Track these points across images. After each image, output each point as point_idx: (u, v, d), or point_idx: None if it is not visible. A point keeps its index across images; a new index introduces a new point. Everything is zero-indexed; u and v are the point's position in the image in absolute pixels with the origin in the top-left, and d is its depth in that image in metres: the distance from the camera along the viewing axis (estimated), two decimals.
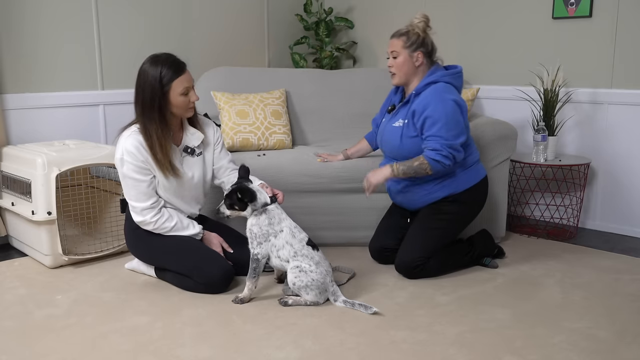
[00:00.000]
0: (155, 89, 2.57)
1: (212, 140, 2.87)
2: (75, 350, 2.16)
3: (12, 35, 3.42)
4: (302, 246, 2.55)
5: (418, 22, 2.86)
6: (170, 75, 2.57)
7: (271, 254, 2.57)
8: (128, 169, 2.63)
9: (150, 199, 2.68)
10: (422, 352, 2.15)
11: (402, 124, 2.85)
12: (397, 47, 2.86)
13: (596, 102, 3.60)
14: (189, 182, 2.77)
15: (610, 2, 3.47)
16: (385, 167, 2.85)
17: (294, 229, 2.58)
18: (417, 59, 2.85)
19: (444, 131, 2.72)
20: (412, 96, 2.84)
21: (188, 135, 2.77)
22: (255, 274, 2.56)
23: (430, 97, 2.77)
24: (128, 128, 2.68)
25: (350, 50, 4.78)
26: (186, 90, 2.62)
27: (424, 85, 2.82)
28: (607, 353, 2.15)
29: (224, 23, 4.36)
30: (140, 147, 2.61)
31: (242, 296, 2.56)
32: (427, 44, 2.86)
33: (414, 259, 2.79)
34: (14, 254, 3.28)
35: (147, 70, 2.59)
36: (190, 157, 2.77)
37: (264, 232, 2.55)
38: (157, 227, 2.70)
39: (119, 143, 2.65)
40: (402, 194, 2.95)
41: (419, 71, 2.87)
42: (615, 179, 3.60)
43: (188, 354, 2.14)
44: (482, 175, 2.94)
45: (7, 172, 3.25)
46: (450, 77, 2.84)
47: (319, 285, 2.50)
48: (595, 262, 3.08)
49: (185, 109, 2.66)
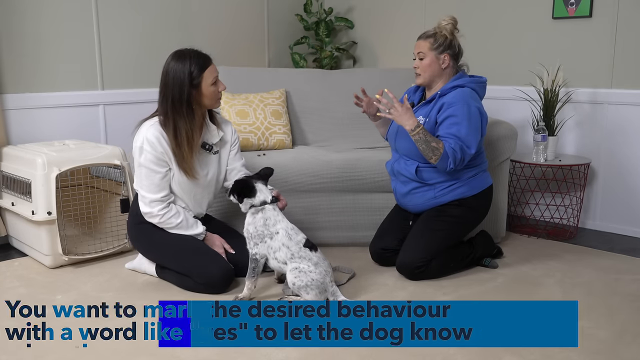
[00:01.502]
0: (185, 84, 2.60)
1: (230, 139, 2.89)
2: (75, 350, 2.16)
3: (13, 35, 3.42)
4: (300, 248, 2.54)
5: (446, 24, 2.84)
6: (200, 67, 2.63)
7: (269, 255, 2.57)
8: (146, 159, 2.65)
9: (162, 192, 2.68)
10: (422, 352, 2.15)
11: (423, 121, 2.82)
12: (424, 49, 2.84)
13: (596, 102, 3.60)
14: (203, 179, 2.78)
15: (610, 2, 3.47)
16: (413, 119, 2.69)
17: (290, 231, 2.56)
18: (444, 61, 2.84)
19: (464, 134, 2.71)
20: (437, 96, 2.83)
21: (208, 132, 2.79)
22: (255, 273, 2.56)
23: (458, 98, 2.75)
24: (150, 118, 2.70)
25: (350, 50, 4.78)
26: (215, 80, 2.68)
27: (451, 87, 2.81)
28: (607, 353, 2.15)
29: (224, 23, 4.36)
30: (162, 139, 2.64)
31: (241, 296, 2.56)
32: (455, 46, 2.85)
33: (417, 259, 2.79)
34: (14, 254, 3.28)
35: (174, 67, 2.62)
36: (207, 153, 2.79)
37: (259, 233, 2.55)
38: (163, 222, 2.71)
39: (140, 132, 2.67)
40: (409, 197, 2.94)
41: (445, 73, 2.86)
42: (615, 179, 3.60)
43: (188, 354, 2.14)
44: (489, 183, 2.95)
45: (7, 172, 3.25)
46: (477, 85, 2.85)
47: (319, 285, 2.50)
48: (595, 262, 3.08)
49: (216, 99, 2.71)
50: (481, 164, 2.92)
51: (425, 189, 2.88)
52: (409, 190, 2.92)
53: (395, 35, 4.47)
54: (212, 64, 2.69)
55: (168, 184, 2.71)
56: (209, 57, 2.70)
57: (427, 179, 2.86)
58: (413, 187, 2.90)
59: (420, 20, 4.26)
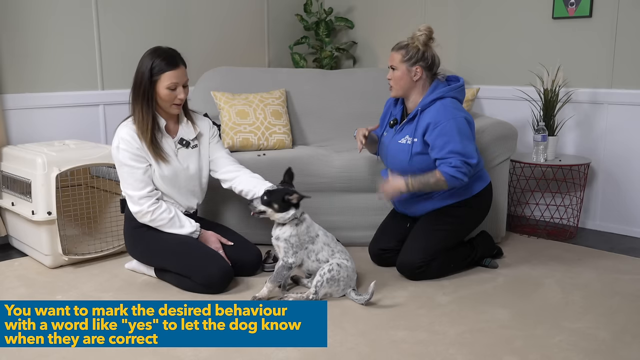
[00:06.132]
0: (145, 77, 2.67)
1: (208, 133, 2.94)
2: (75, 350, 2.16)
3: (12, 35, 3.42)
4: (336, 243, 2.64)
5: (420, 34, 2.78)
6: (161, 67, 2.67)
7: (308, 259, 2.59)
8: (124, 157, 2.70)
9: (147, 187, 2.71)
10: (422, 352, 2.15)
11: (411, 141, 2.79)
12: (396, 61, 2.81)
13: (596, 102, 3.60)
14: (184, 172, 2.81)
15: (610, 2, 3.47)
16: (399, 180, 2.75)
17: (324, 230, 2.66)
18: (416, 74, 2.79)
19: (460, 148, 2.68)
20: (418, 112, 2.79)
21: (184, 128, 2.85)
22: (282, 279, 2.58)
23: (441, 115, 2.72)
24: (125, 120, 2.78)
25: (350, 50, 4.77)
26: (174, 86, 2.69)
27: (430, 101, 2.78)
28: (607, 353, 2.15)
29: (224, 23, 4.36)
30: (135, 135, 2.70)
31: (259, 295, 2.56)
32: (427, 57, 2.79)
33: (417, 259, 2.79)
34: (14, 254, 3.28)
35: (144, 58, 2.71)
36: (185, 149, 2.83)
37: (302, 241, 2.57)
38: (155, 218, 2.72)
39: (116, 132, 2.75)
40: (407, 205, 2.94)
41: (418, 85, 2.82)
42: (615, 179, 3.60)
43: (188, 353, 2.14)
44: (487, 181, 2.94)
45: (7, 172, 3.25)
46: (455, 92, 2.82)
47: (347, 281, 2.58)
48: (595, 262, 3.08)
49: (170, 103, 2.72)
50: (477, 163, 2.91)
51: (424, 197, 2.86)
52: (406, 198, 2.90)
53: (395, 35, 4.44)
54: (179, 68, 2.69)
55: (151, 180, 2.74)
56: (178, 61, 2.70)
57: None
58: (411, 196, 2.88)
59: (420, 20, 4.26)
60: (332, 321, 2.36)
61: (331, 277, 2.54)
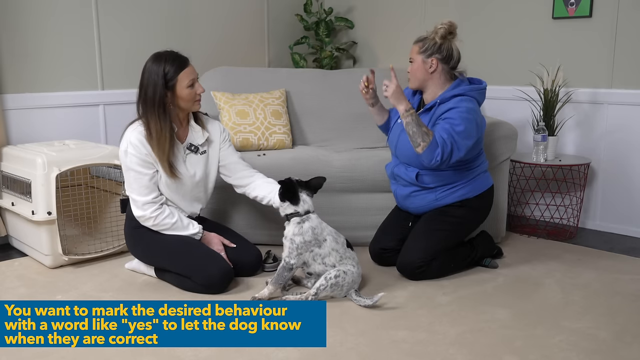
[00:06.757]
0: (159, 85, 2.62)
1: (219, 138, 2.89)
2: (75, 350, 2.16)
3: (12, 35, 3.42)
4: (345, 250, 2.62)
5: (439, 27, 2.81)
6: (175, 70, 2.64)
7: (314, 261, 2.59)
8: (131, 161, 2.66)
9: (152, 193, 2.69)
10: (422, 352, 2.15)
11: None
12: (413, 53, 2.86)
13: (596, 102, 3.60)
14: (191, 179, 2.78)
15: (610, 2, 3.47)
16: (405, 103, 2.72)
17: (334, 235, 2.62)
18: (431, 65, 2.82)
19: (457, 131, 2.68)
20: (437, 104, 2.81)
21: (193, 133, 2.80)
22: (283, 281, 2.58)
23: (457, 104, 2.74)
24: (134, 122, 2.73)
25: (350, 50, 4.78)
26: (192, 82, 2.68)
27: (451, 96, 2.79)
28: (607, 353, 2.15)
29: (224, 23, 4.36)
30: (144, 140, 2.66)
31: (258, 296, 2.56)
32: (443, 50, 2.81)
33: (417, 259, 2.79)
34: (14, 254, 3.28)
35: (150, 68, 2.66)
36: (194, 154, 2.80)
37: (306, 243, 2.56)
38: (157, 223, 2.71)
39: (125, 135, 2.71)
40: (410, 199, 2.94)
41: (434, 77, 2.84)
42: (615, 179, 3.60)
43: (188, 353, 2.14)
44: (490, 183, 2.95)
45: (7, 172, 3.25)
46: (476, 92, 2.83)
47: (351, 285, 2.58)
48: (595, 262, 3.08)
49: (193, 101, 2.71)
50: (481, 164, 2.92)
51: (426, 192, 2.87)
52: (409, 193, 2.91)
53: (395, 35, 4.47)
54: (190, 65, 2.70)
55: (157, 186, 2.72)
56: (186, 59, 2.71)
57: (427, 183, 2.85)
58: (413, 190, 2.89)
59: (420, 21, 4.26)
60: (332, 321, 2.37)
61: (335, 283, 2.53)
